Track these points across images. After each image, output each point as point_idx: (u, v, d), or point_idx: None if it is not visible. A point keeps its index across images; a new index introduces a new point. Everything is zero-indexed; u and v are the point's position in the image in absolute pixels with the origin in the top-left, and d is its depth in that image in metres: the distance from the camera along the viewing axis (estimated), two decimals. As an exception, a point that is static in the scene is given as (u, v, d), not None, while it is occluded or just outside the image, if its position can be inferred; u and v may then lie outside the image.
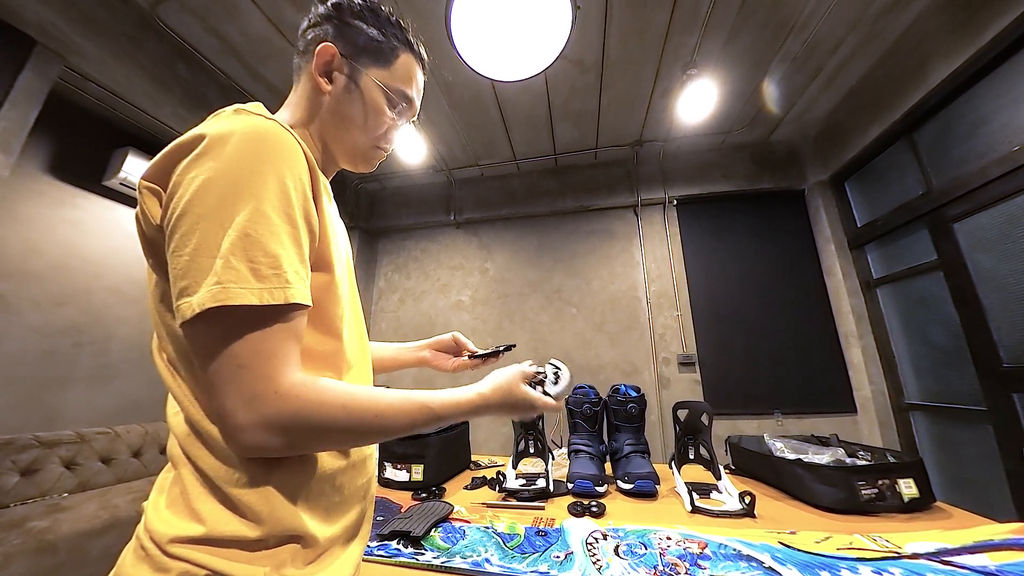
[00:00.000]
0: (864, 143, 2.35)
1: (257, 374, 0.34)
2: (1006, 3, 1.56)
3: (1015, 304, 1.73)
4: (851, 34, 2.00)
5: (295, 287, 0.36)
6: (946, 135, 1.99)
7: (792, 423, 2.55)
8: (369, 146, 0.51)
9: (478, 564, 0.63)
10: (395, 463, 1.07)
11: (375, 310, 3.52)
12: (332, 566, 0.42)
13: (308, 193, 0.39)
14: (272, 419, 0.34)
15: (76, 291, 1.94)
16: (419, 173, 3.36)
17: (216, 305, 0.33)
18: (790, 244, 2.86)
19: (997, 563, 0.58)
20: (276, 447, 0.35)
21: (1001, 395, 1.80)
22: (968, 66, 1.76)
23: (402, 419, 0.41)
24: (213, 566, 0.35)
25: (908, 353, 2.36)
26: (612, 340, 3.01)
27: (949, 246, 2.00)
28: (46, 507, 1.43)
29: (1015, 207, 1.69)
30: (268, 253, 0.34)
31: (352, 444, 0.43)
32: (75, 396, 1.88)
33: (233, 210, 0.34)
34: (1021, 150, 1.64)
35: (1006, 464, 1.77)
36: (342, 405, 0.37)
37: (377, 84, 0.48)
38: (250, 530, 0.37)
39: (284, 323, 0.36)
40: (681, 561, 0.62)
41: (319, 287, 0.42)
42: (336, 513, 0.44)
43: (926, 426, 2.26)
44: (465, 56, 1.89)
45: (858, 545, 0.67)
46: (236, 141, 0.35)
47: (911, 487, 0.85)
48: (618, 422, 1.12)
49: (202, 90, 2.00)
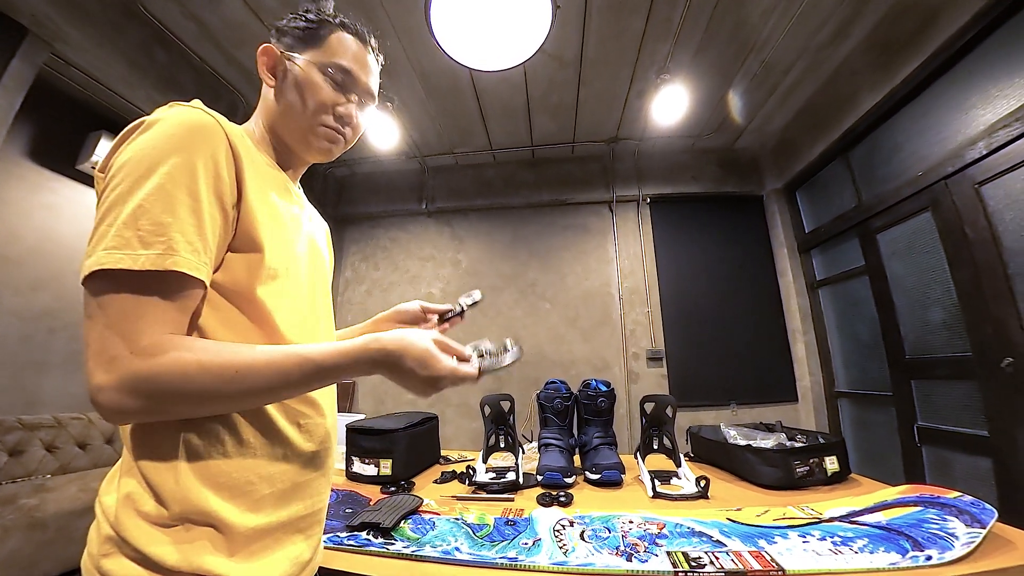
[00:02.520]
0: (811, 157, 2.73)
1: (119, 334, 0.36)
2: (913, 52, 1.95)
3: (916, 305, 2.14)
4: (799, 60, 2.37)
5: (182, 256, 0.38)
6: (873, 156, 2.38)
7: (745, 412, 2.79)
8: (318, 125, 0.55)
9: (448, 553, 0.67)
10: (362, 458, 1.09)
11: (341, 301, 3.46)
12: (262, 559, 0.43)
13: (223, 175, 0.42)
14: (126, 380, 0.35)
15: (51, 276, 2.04)
16: (390, 159, 3.31)
17: (99, 268, 0.36)
18: (750, 246, 3.17)
19: (888, 518, 0.74)
20: (135, 409, 0.36)
21: (903, 382, 2.20)
22: (887, 99, 2.14)
23: (270, 375, 0.40)
24: (130, 534, 0.39)
25: (840, 347, 2.77)
26: (585, 336, 3.12)
27: (873, 254, 2.38)
28: (33, 487, 1.57)
29: (919, 223, 2.09)
30: (157, 223, 0.37)
31: (219, 406, 0.40)
32: (51, 381, 2.00)
33: (137, 185, 0.38)
34: (923, 176, 2.01)
35: (902, 439, 2.19)
36: (198, 362, 0.37)
37: (309, 62, 0.53)
38: (162, 509, 0.40)
39: (164, 290, 0.38)
40: (641, 541, 0.68)
41: (249, 268, 0.45)
42: (268, 506, 0.45)
43: (848, 410, 2.70)
44: (444, 45, 1.92)
45: (790, 515, 0.79)
46: (157, 127, 0.40)
47: (834, 463, 1.01)
48: (588, 416, 1.18)
49: (176, 74, 2.10)
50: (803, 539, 0.68)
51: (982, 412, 1.80)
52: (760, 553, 0.63)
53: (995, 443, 1.74)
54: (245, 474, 0.44)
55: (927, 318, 2.08)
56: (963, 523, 0.67)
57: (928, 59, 1.89)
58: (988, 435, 1.77)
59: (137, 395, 0.36)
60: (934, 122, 1.98)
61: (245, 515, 0.43)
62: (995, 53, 1.70)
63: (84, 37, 1.63)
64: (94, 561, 0.39)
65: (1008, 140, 1.63)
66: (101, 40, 1.69)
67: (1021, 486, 1.64)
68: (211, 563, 0.40)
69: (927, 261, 2.06)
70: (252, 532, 0.43)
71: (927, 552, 0.61)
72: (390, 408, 3.21)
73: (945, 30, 1.79)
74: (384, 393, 3.28)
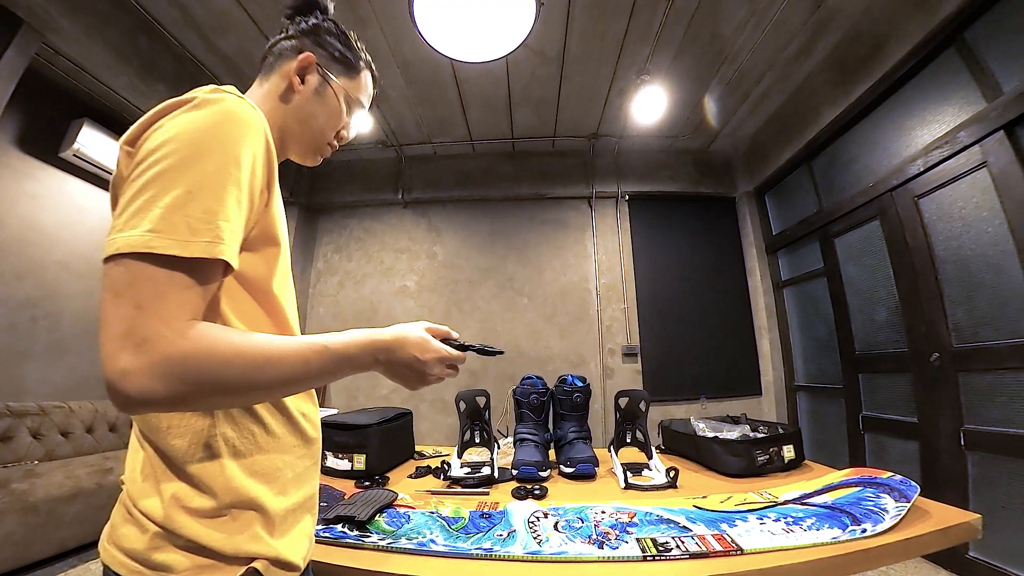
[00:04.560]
0: (779, 163, 2.98)
1: (153, 315, 0.35)
2: (866, 73, 2.20)
3: (865, 305, 2.41)
4: (769, 72, 2.60)
5: (227, 245, 0.40)
6: (832, 166, 2.63)
7: (713, 406, 2.95)
8: (324, 142, 0.62)
9: (423, 545, 0.69)
10: (336, 452, 1.09)
11: (312, 293, 3.37)
12: (291, 536, 0.49)
13: (259, 170, 0.45)
14: (160, 363, 0.35)
15: (33, 265, 2.11)
16: (366, 147, 3.25)
17: (142, 250, 0.36)
18: (722, 246, 3.34)
19: (834, 498, 0.82)
20: (163, 396, 0.35)
21: (852, 376, 2.48)
22: (845, 114, 2.39)
23: (294, 362, 0.42)
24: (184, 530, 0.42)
25: (800, 344, 3.05)
26: (562, 331, 3.19)
27: (831, 257, 2.64)
28: (23, 472, 1.65)
29: (870, 230, 2.35)
30: (208, 210, 0.39)
31: (246, 395, 0.42)
32: (34, 370, 2.06)
33: (184, 166, 0.39)
34: (873, 187, 2.26)
35: (848, 427, 2.47)
36: (233, 346, 0.39)
37: (343, 90, 0.61)
38: (209, 500, 0.44)
39: (202, 278, 0.39)
40: (612, 529, 0.72)
41: (268, 262, 0.49)
42: (291, 489, 0.51)
43: (805, 402, 2.98)
44: (426, 35, 1.90)
45: (750, 500, 0.86)
46: (207, 110, 0.42)
47: (791, 452, 1.11)
48: (563, 411, 1.23)
49: (158, 61, 2.18)
50: (760, 521, 0.75)
51: (913, 401, 2.08)
52: (722, 536, 0.69)
53: (922, 428, 2.03)
54: (274, 462, 0.49)
55: (874, 317, 2.34)
56: (893, 499, 0.77)
57: (877, 82, 2.15)
58: (917, 421, 2.06)
59: (170, 380, 0.35)
60: (883, 138, 2.24)
61: (277, 498, 0.48)
62: (930, 82, 1.98)
63: (74, 26, 1.70)
64: (139, 557, 0.42)
65: (940, 159, 1.90)
66: (90, 29, 1.77)
67: (940, 464, 1.93)
68: (258, 544, 0.45)
69: (875, 265, 2.33)
70: (284, 513, 0.48)
71: (863, 526, 0.70)
72: (362, 403, 3.17)
73: (891, 57, 2.06)
74: (356, 389, 3.24)
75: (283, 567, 0.47)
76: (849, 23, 2.20)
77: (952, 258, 1.88)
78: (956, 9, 1.74)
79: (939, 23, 1.80)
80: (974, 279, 1.79)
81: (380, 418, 1.21)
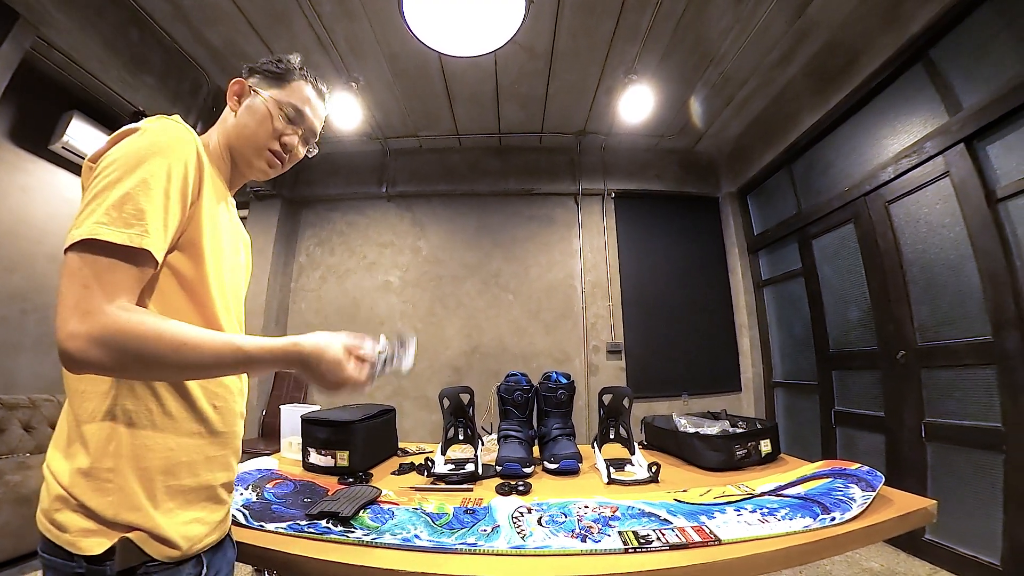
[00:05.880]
0: (761, 165, 3.08)
1: (95, 293, 0.45)
2: (842, 83, 2.31)
3: (840, 305, 2.53)
4: (752, 77, 2.68)
5: (152, 238, 0.49)
6: (811, 170, 2.74)
7: (696, 402, 3.04)
8: (259, 147, 0.68)
9: (408, 540, 0.70)
10: (319, 449, 1.08)
11: (295, 287, 3.31)
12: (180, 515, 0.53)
13: (190, 179, 0.55)
14: (97, 331, 0.44)
15: (23, 257, 2.13)
16: (351, 140, 3.20)
17: (89, 237, 0.46)
18: (705, 245, 3.42)
19: (806, 489, 0.86)
20: (97, 360, 0.44)
21: (826, 372, 2.60)
22: (823, 120, 2.50)
23: (207, 352, 0.50)
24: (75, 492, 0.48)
25: (779, 342, 3.17)
26: (547, 328, 3.21)
27: (808, 258, 2.75)
28: (16, 464, 1.70)
29: (844, 232, 2.47)
30: (139, 209, 0.48)
31: (162, 372, 0.50)
32: (25, 362, 2.09)
33: (125, 176, 0.49)
34: (848, 191, 2.37)
35: (822, 421, 2.60)
36: (157, 328, 0.47)
37: (270, 97, 0.68)
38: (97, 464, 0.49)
39: (133, 265, 0.48)
40: (595, 524, 0.74)
41: (195, 263, 0.57)
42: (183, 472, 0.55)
43: (782, 398, 3.11)
44: (414, 28, 1.88)
45: (728, 493, 0.89)
46: (146, 134, 0.53)
47: (768, 446, 1.15)
48: (548, 408, 1.24)
49: (147, 54, 2.22)
50: (738, 513, 0.78)
51: (881, 396, 2.21)
52: (701, 527, 0.72)
53: (888, 422, 2.17)
54: (167, 441, 0.54)
55: (847, 316, 2.46)
56: (860, 488, 0.81)
57: (852, 91, 2.26)
58: (884, 415, 2.19)
59: (104, 347, 0.44)
60: (857, 145, 2.36)
61: (162, 476, 0.53)
62: (900, 95, 2.11)
63: (69, 20, 1.75)
64: (47, 515, 0.50)
65: (909, 168, 2.02)
66: (83, 23, 1.81)
67: (903, 455, 2.07)
68: (137, 515, 0.50)
69: (849, 267, 2.46)
70: (169, 492, 0.53)
71: (832, 514, 0.74)
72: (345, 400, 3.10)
73: (865, 69, 2.17)
74: (338, 385, 3.17)
75: (162, 542, 0.51)
76: (827, 34, 2.30)
77: (918, 261, 2.00)
78: (922, 28, 1.86)
79: (907, 40, 1.92)
80: (937, 281, 1.92)
81: (363, 415, 1.21)
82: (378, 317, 3.30)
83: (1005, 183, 1.64)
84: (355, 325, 3.28)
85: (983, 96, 1.69)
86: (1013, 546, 1.57)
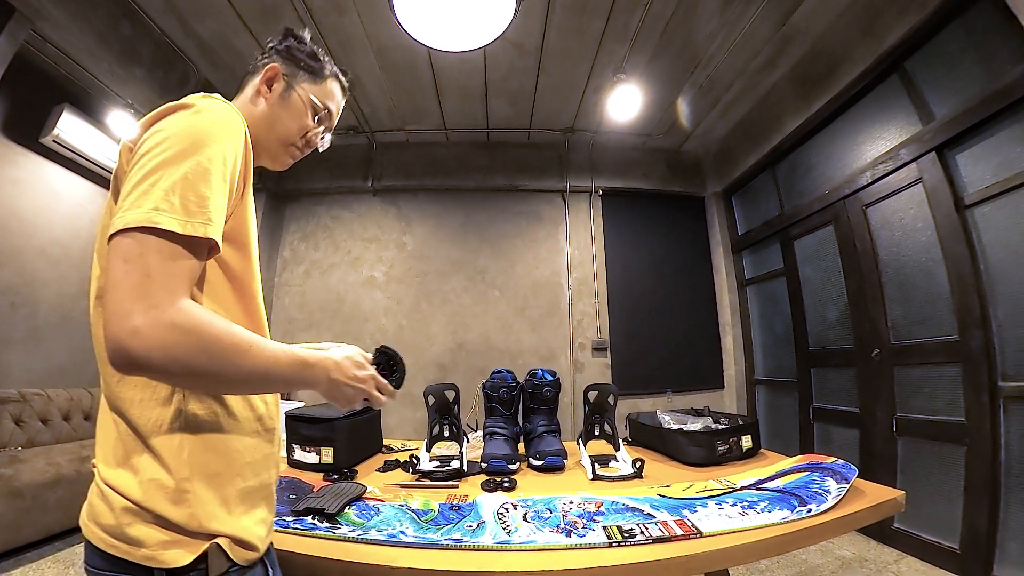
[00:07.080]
0: (746, 167, 3.15)
1: (160, 286, 0.40)
2: (823, 89, 2.39)
3: (819, 304, 2.62)
4: (738, 80, 2.74)
5: (215, 226, 0.46)
6: (793, 172, 2.83)
7: (680, 399, 3.10)
8: (289, 143, 0.66)
9: (393, 536, 0.71)
10: (304, 446, 1.09)
11: (278, 282, 3.24)
12: (249, 516, 0.52)
13: (239, 167, 0.52)
14: (166, 326, 0.39)
15: (12, 251, 2.11)
16: (337, 132, 3.07)
17: (148, 224, 0.41)
18: (690, 244, 3.49)
19: (785, 483, 0.89)
20: (160, 360, 0.39)
21: (805, 370, 2.70)
22: (805, 125, 2.58)
23: (269, 357, 0.47)
24: (150, 504, 0.45)
25: (760, 340, 3.26)
26: (533, 325, 3.22)
27: (790, 258, 2.84)
28: (8, 457, 1.71)
29: (824, 234, 2.56)
30: (199, 195, 0.45)
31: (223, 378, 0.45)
32: (14, 356, 2.07)
33: (183, 157, 0.45)
34: (828, 194, 2.46)
35: (800, 418, 2.70)
36: (227, 325, 0.44)
37: (308, 94, 0.67)
38: (171, 475, 0.47)
39: (195, 254, 0.45)
40: (580, 519, 0.75)
41: (243, 253, 0.54)
42: (248, 472, 0.54)
43: (763, 395, 3.21)
44: (404, 23, 1.86)
45: (710, 487, 0.92)
46: (202, 113, 0.49)
47: (748, 441, 1.18)
48: (534, 405, 1.25)
49: (137, 47, 2.21)
50: (719, 506, 0.81)
51: (856, 393, 2.31)
52: (683, 521, 0.74)
53: (862, 417, 2.27)
54: (234, 443, 0.52)
55: (826, 316, 2.55)
56: (835, 481, 0.85)
57: (833, 98, 2.35)
58: (859, 411, 2.29)
59: (172, 347, 0.39)
60: (837, 150, 2.45)
61: (235, 479, 0.51)
62: (877, 103, 2.20)
63: (63, 13, 1.76)
64: (114, 532, 0.46)
65: (885, 173, 2.11)
66: (77, 16, 1.82)
67: (875, 449, 2.17)
68: (219, 523, 0.48)
69: (829, 267, 2.55)
70: (240, 495, 0.51)
71: (809, 506, 0.78)
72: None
73: (845, 76, 2.26)
74: (321, 382, 3.12)
75: (244, 547, 0.50)
76: (810, 42, 2.38)
77: (893, 262, 2.10)
78: (898, 41, 1.96)
79: (885, 51, 2.02)
80: (910, 282, 2.02)
81: (347, 411, 1.19)
82: (362, 313, 3.27)
83: (972, 191, 1.73)
84: (339, 321, 3.25)
85: (953, 107, 1.78)
86: (970, 531, 1.68)
